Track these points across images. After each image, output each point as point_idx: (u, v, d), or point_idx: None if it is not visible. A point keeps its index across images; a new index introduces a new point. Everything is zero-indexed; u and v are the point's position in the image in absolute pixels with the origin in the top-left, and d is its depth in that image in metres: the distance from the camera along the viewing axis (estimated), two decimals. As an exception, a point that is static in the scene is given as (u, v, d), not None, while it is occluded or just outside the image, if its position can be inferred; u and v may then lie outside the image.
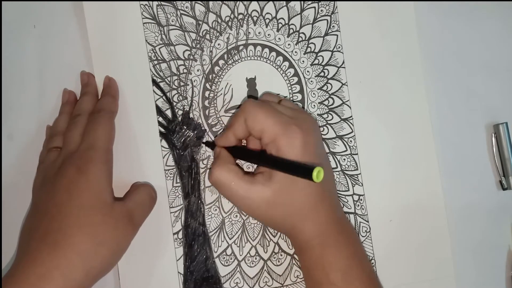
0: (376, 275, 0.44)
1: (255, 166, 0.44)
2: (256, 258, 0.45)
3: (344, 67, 0.46)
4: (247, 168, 0.45)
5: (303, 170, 0.35)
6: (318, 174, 0.34)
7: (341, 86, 0.46)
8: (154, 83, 0.44)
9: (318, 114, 0.46)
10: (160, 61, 0.44)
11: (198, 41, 0.45)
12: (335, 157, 0.46)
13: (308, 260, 0.41)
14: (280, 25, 0.46)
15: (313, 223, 0.40)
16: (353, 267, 0.40)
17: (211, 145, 0.44)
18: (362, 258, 0.42)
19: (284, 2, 0.46)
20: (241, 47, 0.45)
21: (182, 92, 0.45)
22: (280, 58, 0.46)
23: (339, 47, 0.46)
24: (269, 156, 0.39)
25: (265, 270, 0.45)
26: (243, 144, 0.44)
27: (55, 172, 0.39)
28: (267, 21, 0.46)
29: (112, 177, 0.40)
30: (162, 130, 0.44)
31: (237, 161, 0.43)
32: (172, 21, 0.44)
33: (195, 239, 0.44)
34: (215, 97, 0.45)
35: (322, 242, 0.40)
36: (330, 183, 0.44)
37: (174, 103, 0.44)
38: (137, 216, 0.40)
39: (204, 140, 0.45)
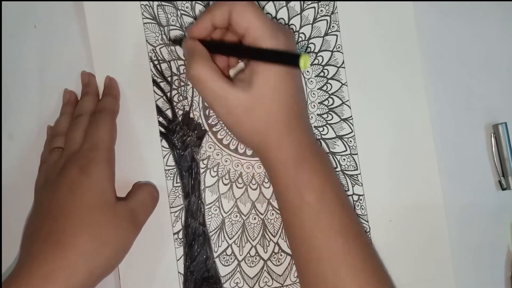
0: (350, 201, 0.43)
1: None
2: (256, 258, 0.45)
3: (343, 67, 0.46)
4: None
5: (289, 57, 0.34)
6: (305, 61, 0.33)
7: (340, 86, 0.46)
8: (155, 83, 0.44)
9: (317, 114, 0.46)
10: (160, 61, 0.44)
11: (198, 41, 0.45)
12: (335, 157, 0.46)
13: (282, 180, 0.39)
14: (280, 25, 0.46)
15: (290, 141, 0.39)
16: (328, 188, 0.39)
17: (179, 40, 0.42)
18: (336, 182, 0.41)
19: (284, 2, 0.46)
20: (241, 47, 0.45)
21: (183, 92, 0.45)
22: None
23: (339, 47, 0.46)
24: (254, 48, 0.37)
25: (265, 270, 0.45)
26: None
27: (58, 172, 0.39)
28: (267, 21, 0.46)
29: (114, 178, 0.40)
30: (163, 130, 0.44)
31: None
32: (173, 21, 0.45)
33: (195, 239, 0.44)
34: (215, 97, 0.45)
35: (298, 162, 0.39)
36: (304, 106, 0.42)
37: (175, 103, 0.45)
38: (139, 215, 0.40)
39: (204, 141, 0.45)
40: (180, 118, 0.45)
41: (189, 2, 0.45)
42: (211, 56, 0.39)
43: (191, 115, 0.45)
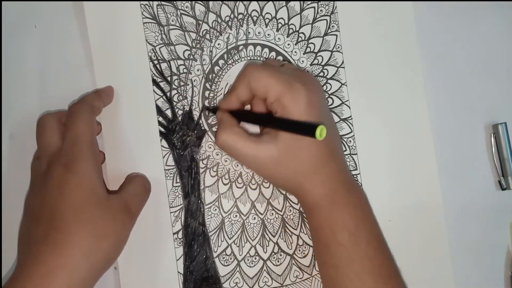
0: (384, 238, 0.43)
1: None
2: (255, 258, 0.45)
3: (343, 67, 0.46)
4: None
5: (306, 129, 0.35)
6: (321, 132, 0.34)
7: (340, 86, 0.46)
8: (154, 82, 0.44)
9: (317, 114, 0.46)
10: (160, 61, 0.44)
11: (198, 41, 0.45)
12: (335, 157, 0.46)
13: (316, 220, 0.41)
14: (279, 25, 0.46)
15: (321, 182, 0.40)
16: (361, 227, 0.40)
17: (213, 110, 0.44)
18: (370, 220, 0.42)
19: (284, 2, 0.46)
20: (241, 47, 0.45)
21: (182, 92, 0.45)
22: (280, 58, 0.46)
23: (339, 47, 0.46)
24: (272, 117, 0.40)
25: (264, 270, 0.45)
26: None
27: (42, 176, 0.38)
28: (267, 21, 0.46)
29: (102, 170, 0.39)
30: (162, 130, 0.44)
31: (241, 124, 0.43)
32: (172, 21, 0.45)
33: (195, 239, 0.44)
34: (215, 97, 0.45)
35: (331, 202, 0.40)
36: (336, 142, 0.43)
37: (174, 103, 0.45)
38: (133, 206, 0.40)
39: (204, 141, 0.45)
40: (180, 118, 0.45)
41: (189, 2, 0.45)
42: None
43: (191, 115, 0.45)
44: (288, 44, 0.46)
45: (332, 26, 0.46)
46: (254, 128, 0.44)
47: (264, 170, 0.41)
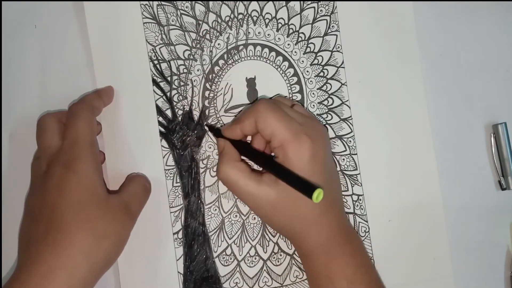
0: (383, 283, 0.43)
1: None
2: (255, 258, 0.45)
3: (343, 67, 0.46)
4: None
5: (304, 187, 0.35)
6: (318, 195, 0.33)
7: (340, 86, 0.46)
8: (154, 82, 0.44)
9: (317, 114, 0.46)
10: (160, 61, 0.44)
11: (198, 41, 0.45)
12: (335, 157, 0.46)
13: (313, 267, 0.41)
14: (279, 25, 0.46)
15: (317, 232, 0.40)
16: (359, 276, 0.40)
17: (214, 131, 0.44)
18: (368, 268, 0.42)
19: (284, 2, 0.46)
20: (241, 47, 0.45)
21: (182, 92, 0.45)
22: (280, 58, 0.46)
23: (339, 47, 0.46)
24: (273, 162, 0.39)
25: (264, 270, 0.45)
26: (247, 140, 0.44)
27: (42, 176, 0.38)
28: (267, 21, 0.46)
29: (102, 170, 0.39)
30: (162, 130, 0.44)
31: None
32: (172, 21, 0.45)
33: (195, 239, 0.44)
34: (215, 97, 0.45)
35: (327, 251, 0.40)
36: (336, 193, 0.43)
37: (174, 103, 0.45)
38: (133, 206, 0.40)
39: (204, 141, 0.45)
40: (180, 118, 0.45)
41: (189, 2, 0.45)
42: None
43: (191, 115, 0.45)
44: (288, 44, 0.46)
45: (332, 26, 0.46)
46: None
47: (262, 212, 0.41)
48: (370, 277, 0.41)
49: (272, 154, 0.41)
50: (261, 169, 0.43)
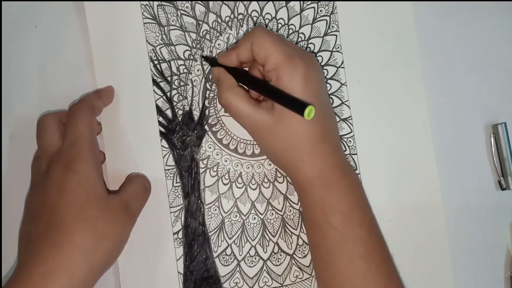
0: (377, 222, 0.43)
1: None
2: (255, 258, 0.45)
3: (343, 67, 0.46)
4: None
5: (295, 105, 0.36)
6: (309, 112, 0.34)
7: (340, 86, 0.46)
8: (155, 83, 0.44)
9: (317, 114, 0.46)
10: (160, 61, 0.44)
11: (198, 41, 0.45)
12: (335, 157, 0.46)
13: (308, 200, 0.40)
14: (279, 25, 0.46)
15: (314, 162, 0.40)
16: (354, 211, 0.40)
17: (210, 60, 0.44)
18: (363, 203, 0.42)
19: (284, 2, 0.46)
20: (241, 47, 0.45)
21: (182, 92, 0.45)
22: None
23: (338, 47, 0.46)
24: (266, 84, 0.40)
25: (264, 270, 0.45)
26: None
27: (42, 176, 0.38)
28: (267, 21, 0.46)
29: (102, 170, 0.39)
30: (162, 130, 0.44)
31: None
32: (173, 21, 0.45)
33: (195, 239, 0.44)
34: (215, 97, 0.45)
35: (323, 183, 0.40)
36: (331, 124, 0.43)
37: (174, 103, 0.45)
38: (133, 206, 0.40)
39: (204, 141, 0.45)
40: (180, 118, 0.45)
41: (189, 2, 0.45)
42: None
43: (191, 115, 0.45)
44: (288, 44, 0.46)
45: (332, 26, 0.46)
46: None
47: (260, 136, 0.41)
48: (365, 213, 0.41)
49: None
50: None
